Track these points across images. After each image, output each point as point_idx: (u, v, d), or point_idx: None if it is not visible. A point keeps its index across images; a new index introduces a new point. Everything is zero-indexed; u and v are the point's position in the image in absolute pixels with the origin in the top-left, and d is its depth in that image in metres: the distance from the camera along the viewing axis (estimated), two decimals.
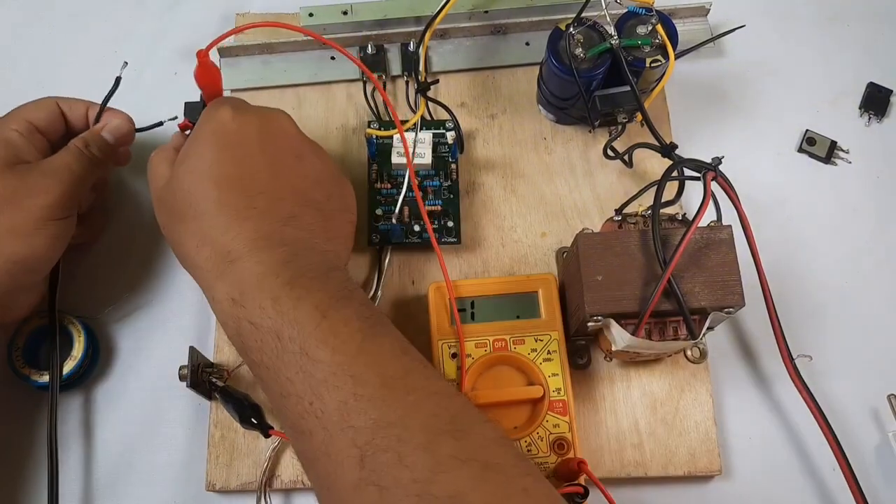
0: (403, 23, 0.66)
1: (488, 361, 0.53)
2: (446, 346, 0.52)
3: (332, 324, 0.41)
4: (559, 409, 0.52)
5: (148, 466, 0.57)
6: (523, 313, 0.54)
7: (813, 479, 0.57)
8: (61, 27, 0.69)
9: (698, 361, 0.58)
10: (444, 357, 0.52)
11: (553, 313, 0.54)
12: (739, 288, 0.49)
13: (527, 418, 0.52)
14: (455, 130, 0.60)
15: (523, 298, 0.54)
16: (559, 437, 0.51)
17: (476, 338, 0.53)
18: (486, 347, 0.52)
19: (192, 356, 0.53)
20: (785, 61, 0.69)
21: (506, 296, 0.54)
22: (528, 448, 0.50)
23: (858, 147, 0.66)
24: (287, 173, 0.48)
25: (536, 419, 0.51)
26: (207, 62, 0.50)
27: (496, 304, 0.54)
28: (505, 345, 0.52)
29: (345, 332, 0.41)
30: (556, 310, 0.54)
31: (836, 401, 0.58)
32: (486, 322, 0.54)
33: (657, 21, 0.57)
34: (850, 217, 0.64)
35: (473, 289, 0.55)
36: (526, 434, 0.51)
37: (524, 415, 0.52)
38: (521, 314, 0.54)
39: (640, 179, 0.63)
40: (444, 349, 0.52)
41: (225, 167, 0.46)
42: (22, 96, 0.66)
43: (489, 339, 0.53)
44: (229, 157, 0.47)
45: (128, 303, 0.60)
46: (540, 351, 0.53)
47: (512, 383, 0.53)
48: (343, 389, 0.39)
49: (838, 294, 0.62)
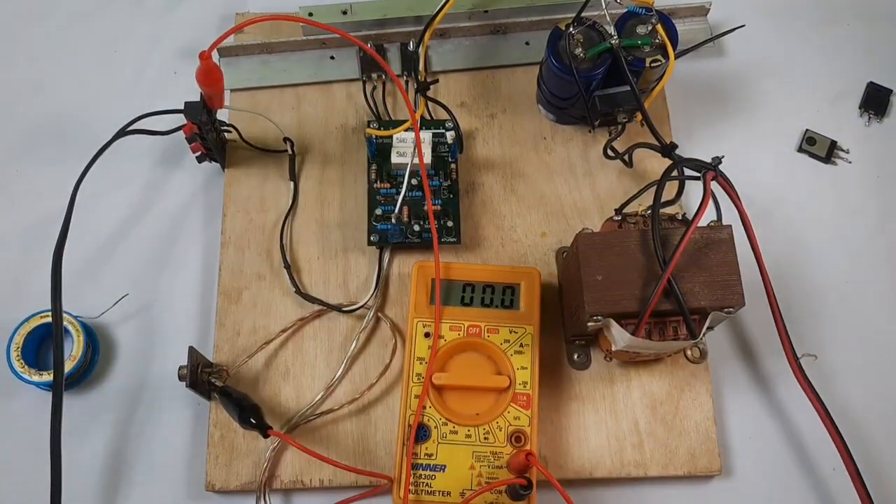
0: (403, 22, 0.66)
1: (460, 345, 0.54)
2: (421, 324, 0.54)
3: None
4: (522, 403, 0.52)
5: (148, 466, 0.57)
6: (502, 303, 0.55)
7: (813, 479, 0.57)
8: (61, 27, 0.69)
9: (698, 361, 0.58)
10: (418, 335, 0.53)
11: (532, 307, 0.55)
12: (739, 288, 0.49)
13: (489, 407, 0.53)
14: (455, 130, 0.60)
15: (505, 289, 0.55)
16: (518, 430, 0.52)
17: (452, 320, 0.54)
18: (460, 331, 0.54)
19: (191, 356, 0.53)
20: (785, 61, 0.69)
21: (488, 284, 0.55)
22: (485, 436, 0.52)
23: (858, 147, 0.66)
24: None
25: (498, 409, 0.52)
26: (210, 63, 0.50)
27: (478, 290, 0.55)
28: (479, 331, 0.54)
29: None
30: (535, 304, 0.55)
31: (836, 400, 0.58)
32: (464, 307, 0.55)
33: (657, 21, 0.57)
34: (850, 216, 0.64)
35: (458, 272, 0.56)
36: (485, 422, 0.52)
37: (487, 403, 0.53)
38: (500, 304, 0.55)
39: (640, 179, 0.63)
40: (419, 327, 0.54)
41: None
42: (22, 96, 0.66)
43: (464, 323, 0.54)
44: None
45: (127, 303, 0.60)
46: (513, 343, 0.54)
47: (480, 370, 0.54)
48: None
49: (838, 293, 0.62)
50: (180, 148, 0.62)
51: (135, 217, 0.63)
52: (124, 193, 0.63)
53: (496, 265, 0.58)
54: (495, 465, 0.51)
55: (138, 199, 0.63)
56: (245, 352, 0.57)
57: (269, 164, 0.63)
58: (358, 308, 0.58)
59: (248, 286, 0.60)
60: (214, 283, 0.60)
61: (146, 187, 0.64)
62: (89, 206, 0.60)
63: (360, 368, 0.58)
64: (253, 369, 0.58)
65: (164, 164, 0.64)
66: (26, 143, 0.65)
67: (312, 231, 0.62)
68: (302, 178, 0.63)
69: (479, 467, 0.51)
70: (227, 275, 0.60)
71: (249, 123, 0.63)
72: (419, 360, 0.53)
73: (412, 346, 0.53)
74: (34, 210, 0.63)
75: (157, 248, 0.62)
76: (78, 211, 0.56)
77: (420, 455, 0.51)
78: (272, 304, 0.59)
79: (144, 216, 0.63)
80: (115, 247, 0.62)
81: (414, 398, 0.52)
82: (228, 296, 0.59)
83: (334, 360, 0.58)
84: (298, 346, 0.58)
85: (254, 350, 0.57)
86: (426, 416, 0.52)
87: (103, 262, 0.61)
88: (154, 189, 0.64)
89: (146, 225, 0.63)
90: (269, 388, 0.57)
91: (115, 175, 0.63)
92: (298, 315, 0.59)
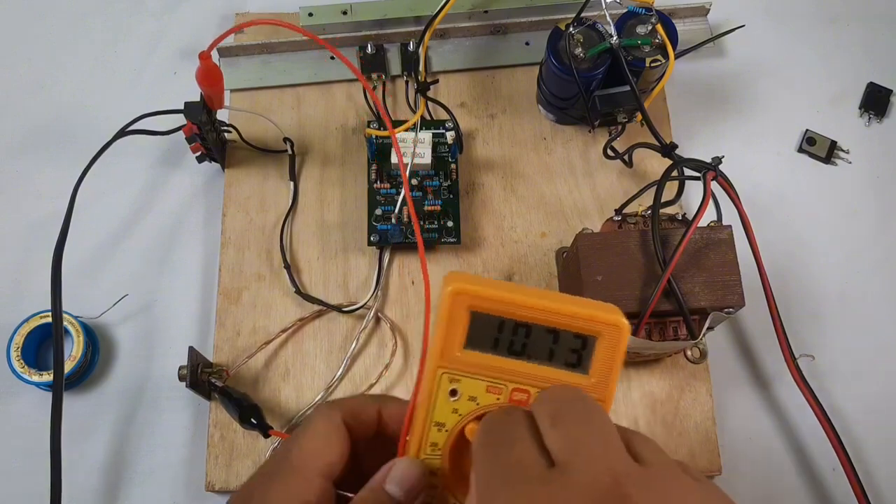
0: (403, 22, 0.66)
1: None
2: (447, 377, 0.35)
3: None
4: None
5: (148, 466, 0.57)
6: (566, 360, 0.35)
7: (813, 479, 0.57)
8: (61, 27, 0.69)
9: (698, 361, 0.58)
10: (440, 392, 0.34)
11: (607, 377, 0.35)
12: (739, 288, 0.49)
13: None
14: (455, 130, 0.60)
15: (572, 340, 0.35)
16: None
17: (490, 376, 0.35)
18: (500, 394, 0.35)
19: (191, 356, 0.53)
20: (785, 61, 0.69)
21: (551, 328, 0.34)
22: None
23: (858, 147, 0.66)
24: None
25: None
26: (210, 63, 0.50)
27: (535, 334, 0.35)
28: (527, 399, 0.35)
29: None
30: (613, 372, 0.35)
31: (835, 401, 0.58)
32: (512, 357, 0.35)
33: (657, 21, 0.57)
34: (850, 217, 0.64)
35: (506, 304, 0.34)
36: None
37: None
38: (563, 361, 0.35)
39: (640, 179, 0.63)
40: (444, 382, 0.35)
41: None
42: (21, 96, 0.66)
43: (507, 384, 0.35)
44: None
45: (127, 303, 0.60)
46: None
47: None
48: None
49: (838, 294, 0.62)
50: (180, 148, 0.62)
51: (135, 217, 0.63)
52: (124, 194, 0.63)
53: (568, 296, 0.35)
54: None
55: (138, 200, 0.63)
56: (245, 352, 0.57)
57: (269, 165, 0.63)
58: (358, 308, 0.58)
59: (248, 286, 0.60)
60: (214, 283, 0.60)
61: (146, 187, 0.64)
62: (89, 207, 0.60)
63: (360, 368, 0.58)
64: (253, 369, 0.58)
65: (164, 164, 0.64)
66: (26, 143, 0.65)
67: (312, 231, 0.62)
68: (302, 179, 0.63)
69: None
70: (226, 275, 0.60)
71: (249, 124, 0.63)
72: (437, 426, 0.34)
73: (430, 405, 0.34)
74: (34, 210, 0.63)
75: (156, 249, 0.62)
76: (78, 211, 0.56)
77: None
78: (272, 305, 0.59)
79: (144, 216, 0.63)
80: (115, 247, 0.62)
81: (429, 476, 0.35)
82: (228, 296, 0.59)
83: (334, 360, 0.58)
84: (298, 346, 0.58)
85: (254, 350, 0.57)
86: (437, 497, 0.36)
87: (103, 262, 0.61)
88: (154, 189, 0.64)
89: (146, 225, 0.63)
90: (269, 388, 0.57)
91: (115, 175, 0.63)
92: (298, 315, 0.59)
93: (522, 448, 0.30)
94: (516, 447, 0.30)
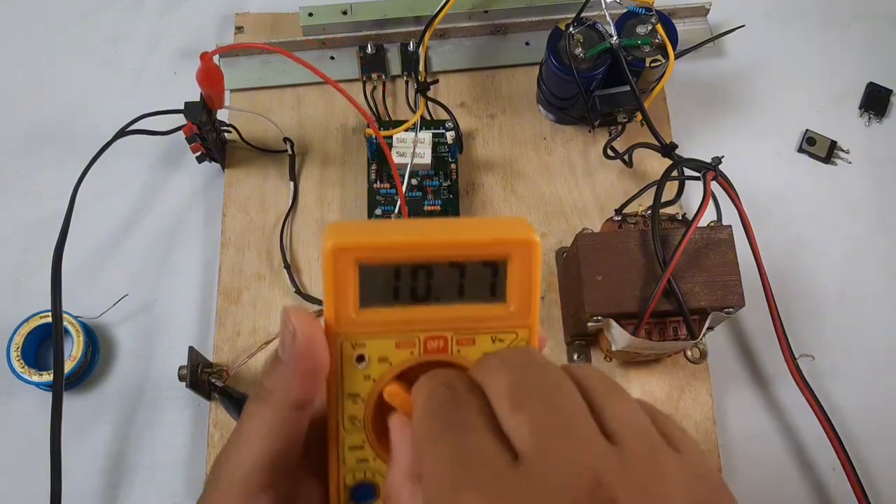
0: (403, 23, 0.66)
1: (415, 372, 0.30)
2: (349, 344, 0.30)
3: None
4: None
5: (148, 467, 0.57)
6: (477, 293, 0.30)
7: (813, 479, 0.57)
8: (61, 27, 0.69)
9: (698, 362, 0.58)
10: (346, 362, 0.30)
11: (527, 296, 0.30)
12: (739, 288, 0.49)
13: None
14: (455, 130, 0.60)
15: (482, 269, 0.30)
16: None
17: (398, 331, 0.30)
18: (413, 348, 0.31)
19: (191, 356, 0.53)
20: (785, 61, 0.69)
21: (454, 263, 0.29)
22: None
23: (858, 147, 0.66)
24: None
25: None
26: (211, 64, 0.50)
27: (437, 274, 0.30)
28: (445, 345, 0.31)
29: None
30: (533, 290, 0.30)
31: (836, 401, 0.58)
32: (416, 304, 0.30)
33: (657, 21, 0.57)
34: (851, 217, 0.64)
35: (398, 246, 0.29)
36: None
37: None
38: (476, 295, 0.30)
39: (640, 179, 0.63)
40: (346, 349, 0.30)
41: None
42: (21, 96, 0.66)
43: (419, 335, 0.30)
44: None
45: (127, 303, 0.60)
46: None
47: None
48: None
49: (838, 293, 0.62)
50: (180, 148, 0.62)
51: (135, 217, 0.63)
52: (124, 194, 0.63)
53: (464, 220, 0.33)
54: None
55: (138, 200, 0.63)
56: (245, 352, 0.57)
57: (269, 165, 0.63)
58: None
59: (248, 286, 0.60)
60: (214, 283, 0.60)
61: (146, 187, 0.64)
62: (89, 207, 0.60)
63: None
64: (253, 369, 0.57)
65: (163, 164, 0.64)
66: (26, 143, 0.65)
67: (312, 231, 0.61)
68: (302, 179, 0.63)
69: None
70: (226, 275, 0.60)
71: (249, 123, 0.63)
72: (350, 398, 0.30)
73: (338, 377, 0.30)
74: (34, 210, 0.63)
75: (156, 249, 0.62)
76: (78, 211, 0.56)
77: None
78: (272, 305, 0.59)
79: (144, 216, 0.63)
80: (115, 247, 0.62)
81: (348, 450, 0.31)
82: (228, 296, 0.59)
83: None
84: None
85: (254, 350, 0.57)
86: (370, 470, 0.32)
87: (103, 262, 0.61)
88: (154, 189, 0.64)
89: (146, 225, 0.62)
90: None
91: (115, 175, 0.63)
92: None
93: (479, 439, 0.25)
94: (472, 438, 0.25)
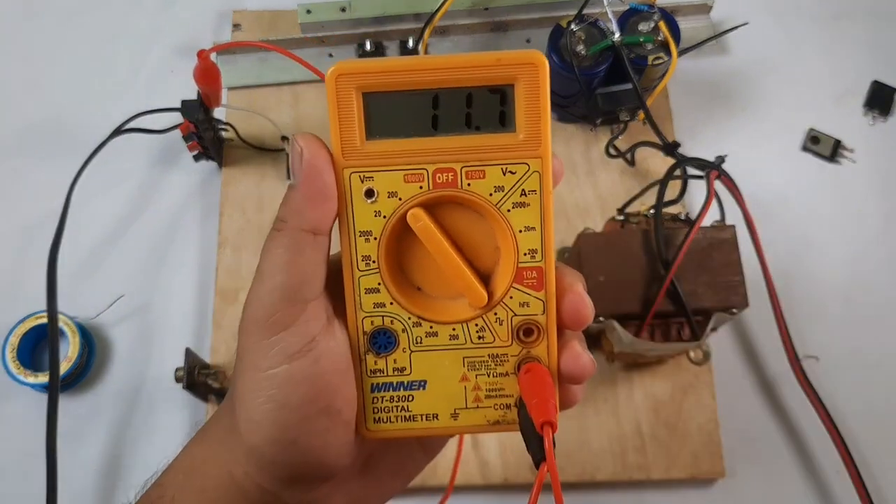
0: (402, 19, 0.65)
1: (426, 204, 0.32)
2: (358, 177, 0.31)
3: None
4: (531, 282, 0.33)
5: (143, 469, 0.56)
6: (485, 122, 0.31)
7: (817, 481, 0.57)
8: (57, 25, 0.69)
9: (701, 363, 0.57)
10: (355, 195, 0.31)
11: (537, 124, 0.31)
12: (743, 289, 0.49)
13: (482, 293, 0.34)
14: None
15: (489, 96, 0.31)
16: (527, 322, 0.33)
17: (406, 164, 0.31)
18: (422, 182, 0.31)
19: (188, 357, 0.53)
20: (788, 59, 0.69)
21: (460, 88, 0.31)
22: (479, 335, 0.33)
23: (863, 146, 0.66)
24: None
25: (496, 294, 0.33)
26: (208, 62, 0.50)
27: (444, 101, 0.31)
28: (454, 178, 0.31)
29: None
30: (543, 117, 0.31)
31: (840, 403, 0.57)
32: (426, 136, 0.31)
33: (659, 18, 0.57)
34: (855, 216, 0.64)
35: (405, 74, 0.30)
36: (479, 315, 0.33)
37: None
38: (484, 124, 0.31)
39: (643, 178, 0.62)
40: (354, 182, 0.31)
41: None
42: (17, 95, 0.66)
43: (427, 168, 0.31)
44: None
45: (124, 304, 0.59)
46: (510, 191, 0.32)
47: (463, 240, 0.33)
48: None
49: (843, 294, 0.61)
50: (177, 147, 0.62)
51: (131, 217, 0.62)
52: (120, 193, 0.63)
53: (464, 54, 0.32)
54: (498, 372, 0.34)
55: (134, 199, 0.63)
56: None
57: (267, 163, 0.63)
58: None
59: (245, 287, 0.58)
60: (211, 283, 0.60)
61: (142, 186, 0.63)
62: (85, 206, 0.59)
63: None
64: None
65: (160, 163, 0.64)
66: (22, 142, 0.65)
67: None
68: None
69: (476, 377, 0.34)
70: (223, 275, 0.59)
71: (247, 122, 0.63)
72: (363, 236, 0.31)
73: (348, 214, 0.31)
74: (29, 210, 0.62)
75: (153, 249, 0.61)
76: (73, 211, 0.55)
77: (386, 371, 0.34)
78: None
79: (141, 216, 0.62)
80: (111, 247, 0.61)
81: (365, 293, 0.32)
82: (225, 296, 0.59)
83: None
84: None
85: None
86: (388, 316, 0.33)
87: (99, 262, 0.61)
88: (150, 188, 0.63)
89: (142, 225, 0.62)
90: None
91: (111, 174, 0.62)
92: None
93: None
94: None
